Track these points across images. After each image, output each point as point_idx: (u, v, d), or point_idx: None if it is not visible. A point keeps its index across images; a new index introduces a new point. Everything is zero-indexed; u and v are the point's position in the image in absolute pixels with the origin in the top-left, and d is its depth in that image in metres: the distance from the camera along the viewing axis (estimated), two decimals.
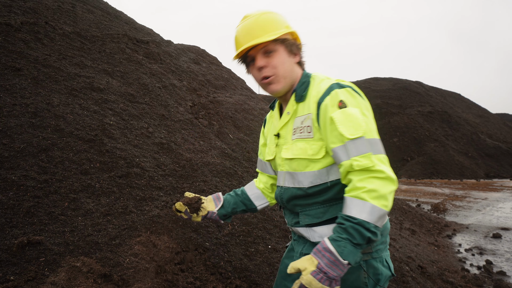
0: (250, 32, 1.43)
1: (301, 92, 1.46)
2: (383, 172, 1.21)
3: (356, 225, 1.17)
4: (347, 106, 1.30)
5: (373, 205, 1.18)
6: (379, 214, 1.19)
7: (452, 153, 23.27)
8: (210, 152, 4.17)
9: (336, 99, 1.32)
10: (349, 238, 1.17)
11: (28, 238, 2.18)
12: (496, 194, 12.68)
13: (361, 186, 1.20)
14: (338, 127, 1.28)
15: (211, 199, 1.77)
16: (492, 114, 36.32)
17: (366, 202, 1.18)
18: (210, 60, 7.72)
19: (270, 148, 1.64)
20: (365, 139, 1.26)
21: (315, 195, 1.42)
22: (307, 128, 1.41)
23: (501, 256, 5.48)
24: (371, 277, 1.35)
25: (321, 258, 1.17)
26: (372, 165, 1.22)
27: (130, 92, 4.38)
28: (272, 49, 1.44)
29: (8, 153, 2.68)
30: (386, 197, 1.19)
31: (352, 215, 1.19)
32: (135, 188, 3.00)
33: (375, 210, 1.18)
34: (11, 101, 3.13)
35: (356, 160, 1.24)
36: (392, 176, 1.22)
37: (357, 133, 1.26)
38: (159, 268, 2.41)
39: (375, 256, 1.38)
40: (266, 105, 7.45)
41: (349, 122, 1.27)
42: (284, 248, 3.22)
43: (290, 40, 1.48)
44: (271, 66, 1.45)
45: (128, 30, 6.12)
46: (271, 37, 1.40)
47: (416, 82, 34.07)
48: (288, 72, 1.47)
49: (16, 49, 3.76)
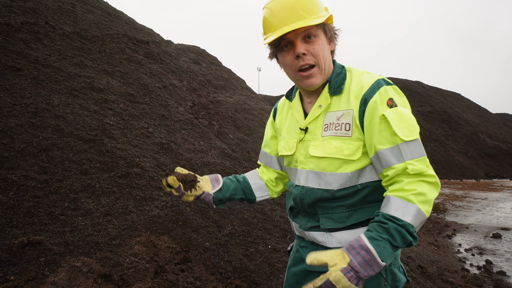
0: (291, 12, 1.24)
1: (336, 85, 1.32)
2: (434, 177, 1.16)
3: (400, 227, 1.10)
4: (397, 105, 1.21)
5: (419, 209, 1.12)
6: (422, 219, 1.13)
7: (452, 153, 23.27)
8: (210, 152, 4.17)
9: (386, 97, 1.22)
10: (389, 240, 1.10)
11: (28, 238, 2.18)
12: (496, 194, 12.69)
13: (411, 188, 1.14)
14: (393, 127, 1.18)
15: (207, 180, 1.54)
16: (492, 114, 36.32)
17: (413, 205, 1.12)
18: (210, 60, 7.72)
19: (289, 143, 1.46)
20: (418, 142, 1.19)
21: (343, 198, 1.31)
22: (345, 126, 1.27)
23: (501, 256, 5.48)
24: (389, 284, 1.28)
25: (355, 256, 1.08)
26: (426, 170, 1.16)
27: (130, 92, 4.38)
28: (314, 33, 1.28)
29: (8, 153, 2.68)
30: (431, 203, 1.15)
31: (396, 215, 1.12)
32: (135, 188, 3.00)
33: (420, 214, 1.12)
34: (11, 101, 3.13)
35: (411, 164, 1.16)
36: (439, 182, 1.18)
37: (412, 135, 1.18)
38: (159, 268, 2.41)
39: (394, 263, 1.30)
40: (266, 105, 7.44)
41: (403, 122, 1.19)
42: (286, 251, 3.19)
43: (329, 25, 1.33)
44: (311, 54, 1.28)
45: (128, 30, 6.12)
46: (318, 21, 1.23)
47: (416, 82, 34.06)
48: (328, 62, 1.33)
49: (16, 49, 3.76)
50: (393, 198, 1.15)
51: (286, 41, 1.29)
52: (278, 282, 2.76)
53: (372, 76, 1.29)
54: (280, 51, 1.33)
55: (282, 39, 1.29)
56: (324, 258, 1.10)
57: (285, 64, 1.34)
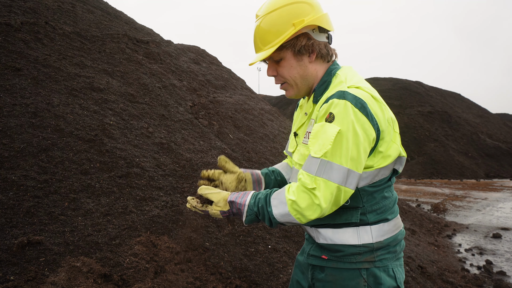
0: (255, 42, 1.39)
1: (318, 94, 1.40)
2: (317, 198, 1.19)
3: (267, 212, 1.27)
4: (332, 122, 1.22)
5: (288, 213, 1.23)
6: (290, 220, 1.25)
7: (452, 153, 23.27)
8: (210, 152, 4.17)
9: (327, 110, 1.25)
10: (257, 213, 1.29)
11: (28, 238, 2.18)
12: (496, 194, 12.68)
13: (292, 194, 1.23)
14: (310, 140, 1.27)
15: (250, 181, 1.61)
16: (492, 114, 36.32)
17: (286, 207, 1.24)
18: (210, 60, 7.72)
19: (292, 141, 1.58)
20: (319, 160, 1.21)
21: None
22: (308, 134, 1.37)
23: (501, 256, 5.48)
24: (370, 286, 1.32)
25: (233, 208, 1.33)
26: (311, 185, 1.20)
27: (130, 92, 4.38)
28: (278, 57, 1.37)
29: (8, 153, 2.68)
30: (306, 216, 1.22)
31: (272, 203, 1.27)
32: (135, 188, 3.00)
33: (288, 217, 1.24)
34: (11, 101, 3.13)
35: (302, 174, 1.24)
36: (323, 206, 1.19)
37: (318, 153, 1.21)
38: (159, 268, 2.41)
39: (378, 265, 1.34)
40: (266, 105, 7.44)
41: (319, 139, 1.22)
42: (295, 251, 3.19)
43: (298, 41, 1.34)
44: (280, 75, 1.40)
45: (128, 30, 6.12)
46: (269, 51, 1.31)
47: (416, 82, 34.07)
48: (298, 79, 1.39)
49: (16, 49, 3.76)
50: (283, 190, 1.28)
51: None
52: (278, 282, 2.76)
53: (341, 86, 1.31)
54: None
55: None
56: (211, 198, 1.35)
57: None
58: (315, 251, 1.43)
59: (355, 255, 1.32)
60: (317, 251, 1.41)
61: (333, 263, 1.36)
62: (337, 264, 1.35)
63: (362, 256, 1.32)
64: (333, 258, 1.36)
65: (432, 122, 26.89)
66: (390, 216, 1.38)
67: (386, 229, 1.35)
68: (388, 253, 1.36)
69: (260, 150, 5.01)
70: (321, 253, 1.39)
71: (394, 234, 1.38)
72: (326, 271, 1.37)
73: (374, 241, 1.32)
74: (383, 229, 1.34)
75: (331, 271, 1.36)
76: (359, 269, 1.33)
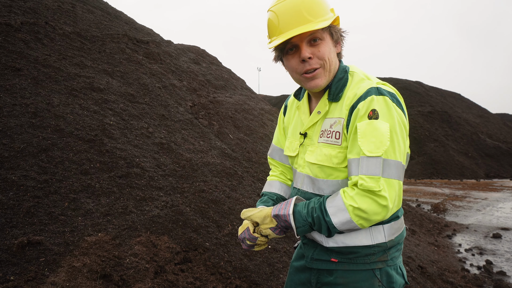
0: (296, 15, 1.22)
1: (336, 91, 1.31)
2: (385, 199, 1.15)
3: (324, 222, 1.22)
4: (377, 118, 1.18)
5: (351, 220, 1.18)
6: (351, 227, 1.21)
7: (452, 153, 23.27)
8: (210, 152, 4.17)
9: (369, 107, 1.19)
10: (310, 224, 1.25)
11: (28, 238, 2.18)
12: (496, 194, 12.68)
13: (353, 200, 1.17)
14: (358, 140, 1.18)
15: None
16: (492, 114, 36.33)
17: (347, 214, 1.18)
18: (210, 60, 7.72)
19: (293, 144, 1.48)
20: (380, 160, 1.16)
21: None
22: (335, 134, 1.28)
23: (501, 256, 5.48)
24: (384, 286, 1.31)
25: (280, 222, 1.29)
26: (377, 189, 1.15)
27: (130, 92, 4.38)
28: (319, 36, 1.25)
29: (8, 153, 2.68)
30: (370, 221, 1.18)
31: (329, 212, 1.21)
32: (135, 188, 3.00)
33: (350, 224, 1.19)
34: (11, 101, 3.13)
35: (362, 179, 1.16)
36: (390, 207, 1.17)
37: (376, 151, 1.16)
38: (159, 268, 2.41)
39: (390, 264, 1.32)
40: (266, 105, 7.44)
41: (372, 137, 1.17)
42: (292, 248, 3.19)
43: (335, 27, 1.30)
44: (317, 57, 1.26)
45: (128, 30, 6.12)
46: (324, 24, 1.20)
47: (416, 82, 34.07)
48: (334, 64, 1.30)
49: (16, 49, 3.77)
50: (339, 197, 1.21)
51: (291, 44, 1.27)
52: (278, 282, 2.76)
53: (369, 83, 1.26)
54: (285, 55, 1.31)
55: (287, 43, 1.27)
56: (255, 218, 1.32)
57: (290, 68, 1.32)
58: (320, 255, 1.37)
59: (369, 256, 1.30)
60: (323, 255, 1.36)
61: (344, 265, 1.32)
62: (349, 266, 1.31)
63: (375, 256, 1.30)
64: (345, 260, 1.32)
65: (432, 122, 26.90)
66: (400, 213, 1.38)
67: (396, 227, 1.34)
68: (397, 251, 1.36)
69: (260, 150, 5.01)
70: (329, 256, 1.35)
71: (402, 231, 1.38)
72: (335, 274, 1.34)
73: (387, 240, 1.30)
74: (394, 227, 1.33)
75: (342, 273, 1.32)
76: (373, 269, 1.30)
